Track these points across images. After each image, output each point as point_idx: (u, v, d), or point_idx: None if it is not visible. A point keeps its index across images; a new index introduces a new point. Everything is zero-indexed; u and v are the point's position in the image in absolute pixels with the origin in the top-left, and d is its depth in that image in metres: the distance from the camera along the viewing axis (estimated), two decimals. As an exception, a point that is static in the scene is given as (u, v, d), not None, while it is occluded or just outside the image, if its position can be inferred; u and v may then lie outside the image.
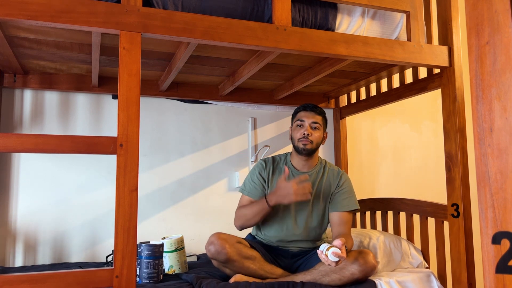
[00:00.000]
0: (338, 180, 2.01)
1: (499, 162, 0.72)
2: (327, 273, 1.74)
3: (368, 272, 1.75)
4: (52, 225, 2.37)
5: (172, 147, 2.65)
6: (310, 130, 1.95)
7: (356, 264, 1.73)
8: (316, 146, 1.97)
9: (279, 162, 2.05)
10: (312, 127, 1.96)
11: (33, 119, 2.41)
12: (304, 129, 1.95)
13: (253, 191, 1.99)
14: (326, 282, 1.74)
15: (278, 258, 1.96)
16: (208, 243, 1.79)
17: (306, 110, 1.98)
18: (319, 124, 1.97)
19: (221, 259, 1.77)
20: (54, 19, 1.37)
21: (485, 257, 0.74)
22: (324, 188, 1.99)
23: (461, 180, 1.91)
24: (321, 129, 1.98)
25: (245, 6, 1.65)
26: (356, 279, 1.74)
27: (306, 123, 1.96)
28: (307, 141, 1.94)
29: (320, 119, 1.98)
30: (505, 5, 0.72)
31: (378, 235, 2.14)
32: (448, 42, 1.99)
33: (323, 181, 2.00)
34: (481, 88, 0.76)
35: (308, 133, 1.93)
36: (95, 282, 1.31)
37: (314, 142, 1.95)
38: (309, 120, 1.96)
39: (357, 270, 1.72)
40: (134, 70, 1.43)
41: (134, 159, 1.39)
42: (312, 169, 2.02)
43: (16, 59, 2.10)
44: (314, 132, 1.95)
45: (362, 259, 1.74)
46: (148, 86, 2.53)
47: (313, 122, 1.96)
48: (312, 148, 1.95)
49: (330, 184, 2.00)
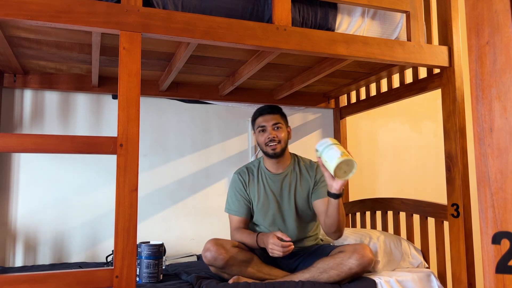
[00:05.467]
0: (315, 173, 2.02)
1: (499, 162, 0.72)
2: (325, 269, 1.75)
3: (365, 266, 1.75)
4: (52, 225, 2.37)
5: (172, 147, 2.65)
6: (274, 133, 1.95)
7: (353, 258, 1.73)
8: (285, 145, 1.99)
9: (253, 170, 2.06)
10: (275, 128, 1.96)
11: (33, 119, 2.41)
12: (268, 133, 1.95)
13: (240, 209, 2.00)
14: (325, 278, 1.74)
15: (276, 259, 1.96)
16: (204, 250, 1.79)
17: (263, 114, 1.98)
18: (280, 124, 1.97)
19: (218, 265, 1.77)
20: (54, 19, 1.37)
21: (485, 257, 0.74)
22: (302, 184, 2.00)
23: (461, 180, 1.91)
24: (283, 126, 1.99)
25: (245, 6, 1.65)
26: (354, 274, 1.75)
27: (267, 127, 1.96)
28: (275, 144, 1.94)
29: (279, 118, 1.98)
30: (505, 5, 0.72)
31: (379, 235, 2.14)
32: (448, 42, 1.99)
33: (301, 178, 2.02)
34: (481, 88, 0.76)
35: (273, 136, 1.94)
36: (95, 282, 1.31)
37: (282, 141, 1.96)
38: (269, 123, 1.96)
39: (355, 264, 1.73)
40: (134, 70, 1.43)
41: (134, 159, 1.39)
42: (286, 169, 2.03)
43: (16, 59, 2.10)
44: (278, 133, 1.96)
45: (359, 253, 1.74)
46: (148, 86, 2.53)
47: (273, 124, 1.96)
48: (282, 148, 1.97)
49: (307, 179, 2.01)
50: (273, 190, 2.00)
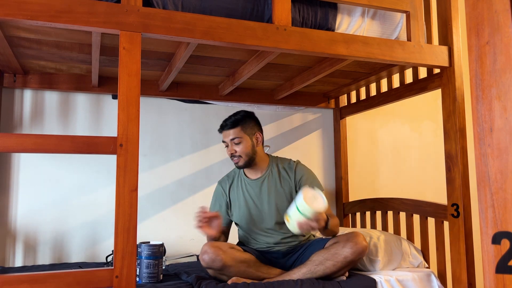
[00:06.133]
0: (294, 173, 2.02)
1: (499, 162, 0.72)
2: (321, 261, 1.77)
3: (360, 253, 1.78)
4: (52, 225, 2.37)
5: (172, 147, 2.65)
6: (233, 148, 1.96)
7: (347, 247, 1.76)
8: (249, 156, 1.97)
9: (234, 177, 2.10)
10: (233, 143, 1.96)
11: (33, 119, 2.41)
12: (229, 149, 1.98)
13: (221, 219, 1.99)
14: (322, 270, 1.76)
15: (272, 259, 1.97)
16: (202, 253, 1.79)
17: (222, 130, 2.00)
18: (238, 138, 1.95)
19: (217, 266, 1.76)
20: (54, 19, 1.37)
21: (485, 257, 0.74)
22: (282, 186, 2.01)
23: (461, 180, 1.91)
24: (244, 138, 1.96)
25: (245, 6, 1.65)
26: (349, 262, 1.77)
27: (228, 142, 1.98)
28: (236, 159, 1.97)
29: (237, 132, 1.96)
30: (505, 5, 0.72)
31: (379, 235, 2.14)
32: (448, 42, 1.99)
33: (280, 180, 2.02)
34: (481, 88, 0.76)
35: (232, 152, 1.97)
36: (95, 282, 1.31)
37: (243, 155, 1.96)
38: (228, 138, 1.98)
39: (349, 252, 1.75)
40: (134, 70, 1.43)
41: (134, 159, 1.39)
42: (264, 173, 2.03)
43: (16, 59, 2.10)
44: (238, 147, 1.96)
45: (352, 241, 1.77)
46: (148, 86, 2.53)
47: (231, 139, 1.96)
48: (246, 160, 1.97)
49: (287, 180, 2.01)
50: (252, 195, 2.02)
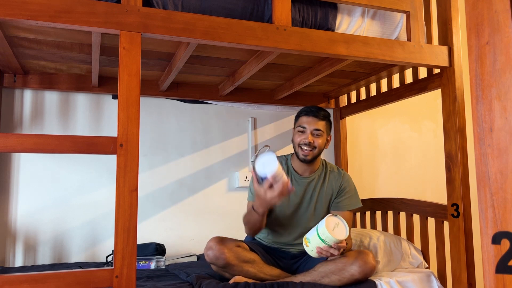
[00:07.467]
0: (340, 182, 1.97)
1: (499, 162, 0.72)
2: (327, 274, 1.73)
3: (367, 273, 1.74)
4: (52, 225, 2.37)
5: (172, 147, 2.65)
6: (311, 138, 1.86)
7: (355, 265, 1.72)
8: (318, 153, 1.91)
9: (288, 165, 2.00)
10: (314, 134, 1.87)
11: (33, 119, 2.41)
12: (306, 136, 1.87)
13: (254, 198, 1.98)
14: (326, 283, 1.73)
15: (277, 259, 1.95)
16: (207, 248, 1.77)
17: (309, 115, 1.89)
18: (321, 131, 1.88)
19: (220, 264, 1.75)
20: (54, 19, 1.37)
21: (485, 257, 0.73)
22: (326, 191, 1.97)
23: (461, 180, 1.91)
24: (324, 135, 1.90)
25: (245, 6, 1.65)
26: (355, 280, 1.73)
27: (308, 130, 1.88)
28: (308, 151, 1.87)
29: (323, 125, 1.89)
30: (505, 5, 0.72)
31: (379, 235, 2.14)
32: (448, 42, 1.99)
33: (325, 185, 1.97)
34: (481, 88, 0.76)
35: (309, 141, 1.86)
36: (95, 282, 1.31)
37: (316, 149, 1.88)
38: (311, 127, 1.87)
39: (357, 271, 1.71)
40: (134, 70, 1.43)
41: (134, 159, 1.39)
42: (313, 174, 1.97)
43: (16, 59, 2.10)
44: (316, 140, 1.87)
45: (362, 259, 1.72)
46: (148, 86, 2.53)
47: (315, 129, 1.87)
48: (316, 155, 1.89)
49: (332, 187, 1.97)
50: (296, 192, 1.93)
